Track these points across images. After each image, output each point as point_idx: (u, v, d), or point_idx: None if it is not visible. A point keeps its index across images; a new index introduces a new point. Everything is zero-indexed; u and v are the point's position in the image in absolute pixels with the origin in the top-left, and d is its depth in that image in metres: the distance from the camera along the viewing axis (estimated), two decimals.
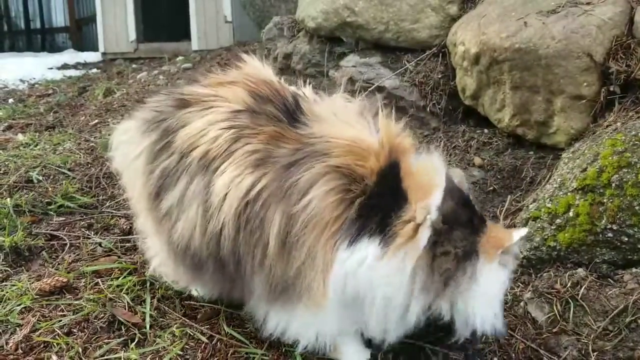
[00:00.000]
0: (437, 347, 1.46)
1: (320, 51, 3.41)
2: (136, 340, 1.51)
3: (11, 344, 1.48)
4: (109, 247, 2.04)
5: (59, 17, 11.45)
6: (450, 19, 3.05)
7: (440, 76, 2.97)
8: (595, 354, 1.47)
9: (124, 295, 1.69)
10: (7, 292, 1.71)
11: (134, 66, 6.63)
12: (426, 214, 1.22)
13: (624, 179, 1.74)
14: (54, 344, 1.48)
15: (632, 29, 2.24)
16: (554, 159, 2.33)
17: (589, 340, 1.52)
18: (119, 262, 1.90)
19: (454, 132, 2.84)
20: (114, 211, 2.36)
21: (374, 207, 1.23)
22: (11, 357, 1.45)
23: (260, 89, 1.44)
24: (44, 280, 1.75)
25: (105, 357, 1.44)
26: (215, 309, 1.63)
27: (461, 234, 1.25)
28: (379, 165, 1.26)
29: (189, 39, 7.25)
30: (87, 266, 1.87)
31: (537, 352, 1.50)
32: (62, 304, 1.66)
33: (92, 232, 2.17)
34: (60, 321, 1.57)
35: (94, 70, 6.99)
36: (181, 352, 1.46)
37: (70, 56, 8.62)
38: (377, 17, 3.12)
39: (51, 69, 7.39)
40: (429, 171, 1.30)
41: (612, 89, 2.22)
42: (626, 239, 1.71)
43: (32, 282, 1.76)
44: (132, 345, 1.48)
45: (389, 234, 1.21)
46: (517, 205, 2.16)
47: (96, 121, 3.85)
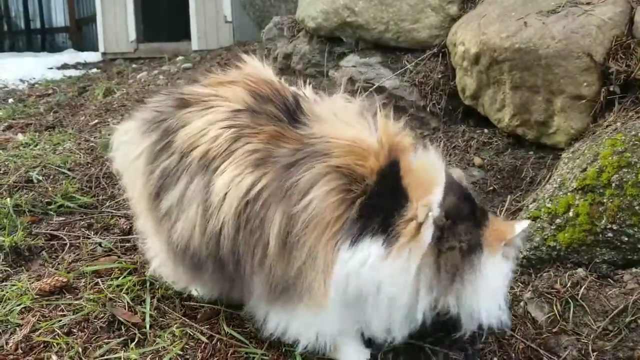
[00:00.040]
0: (437, 347, 1.46)
1: (320, 51, 3.40)
2: (136, 340, 1.51)
3: (11, 344, 1.48)
4: (108, 247, 2.04)
5: (59, 17, 11.45)
6: (450, 19, 3.05)
7: (440, 76, 2.97)
8: (595, 354, 1.47)
9: (124, 295, 1.69)
10: (7, 292, 1.71)
11: (134, 66, 6.63)
12: (428, 211, 1.22)
13: (624, 179, 1.74)
14: (54, 344, 1.48)
15: (632, 29, 2.24)
16: (554, 159, 2.33)
17: (588, 340, 1.52)
18: (118, 262, 1.90)
19: (454, 132, 2.84)
20: (114, 211, 2.36)
21: (375, 206, 1.23)
22: (11, 357, 1.45)
23: (260, 88, 1.43)
24: (44, 280, 1.75)
25: (105, 357, 1.44)
26: (215, 309, 1.63)
27: (465, 227, 1.26)
28: (378, 164, 1.26)
29: (189, 39, 7.26)
30: (87, 266, 1.87)
31: (537, 352, 1.49)
32: (62, 304, 1.66)
33: (92, 232, 2.17)
34: (60, 321, 1.57)
35: (94, 70, 6.99)
36: (181, 352, 1.46)
37: (70, 56, 8.62)
38: (377, 17, 3.13)
39: (51, 69, 7.39)
40: (428, 168, 1.30)
41: (612, 89, 2.22)
42: (626, 239, 1.71)
43: (32, 282, 1.76)
44: (132, 345, 1.48)
45: (392, 234, 1.21)
46: (517, 205, 2.16)
47: (96, 121, 3.85)
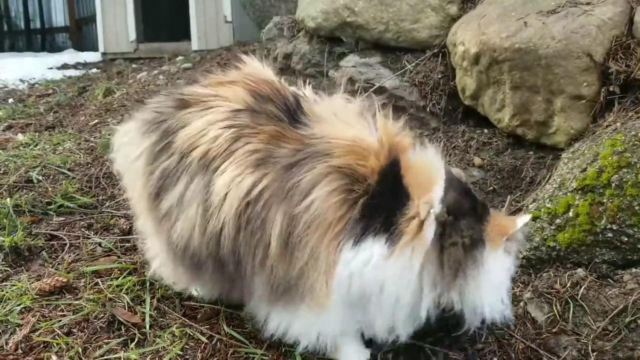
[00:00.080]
0: (437, 347, 1.46)
1: (320, 51, 3.40)
2: (136, 340, 1.51)
3: (11, 344, 1.49)
4: (108, 247, 2.04)
5: (59, 17, 11.45)
6: (450, 19, 3.05)
7: (440, 76, 2.97)
8: (594, 354, 1.47)
9: (123, 295, 1.69)
10: (7, 292, 1.71)
11: (134, 66, 6.63)
12: (429, 208, 1.23)
13: (624, 179, 1.74)
14: (54, 344, 1.48)
15: (631, 29, 2.24)
16: (554, 159, 2.33)
17: (588, 340, 1.52)
18: (118, 262, 1.90)
19: (454, 132, 2.84)
20: (114, 211, 2.36)
21: (377, 206, 1.23)
22: (11, 357, 1.45)
23: (260, 88, 1.43)
24: (44, 280, 1.75)
25: (105, 357, 1.44)
26: (215, 309, 1.63)
27: (467, 223, 1.26)
28: (379, 164, 1.26)
29: (189, 39, 7.25)
30: (87, 266, 1.87)
31: (536, 352, 1.49)
32: (62, 304, 1.66)
33: (92, 232, 2.17)
34: (60, 321, 1.57)
35: (94, 70, 6.99)
36: (181, 352, 1.46)
37: (70, 56, 8.62)
38: (377, 17, 3.13)
39: (51, 69, 7.39)
40: (427, 166, 1.30)
41: (611, 89, 2.22)
42: (626, 239, 1.71)
43: (32, 282, 1.76)
44: (131, 345, 1.48)
45: (395, 232, 1.21)
46: (517, 205, 2.16)
47: (96, 121, 3.85)
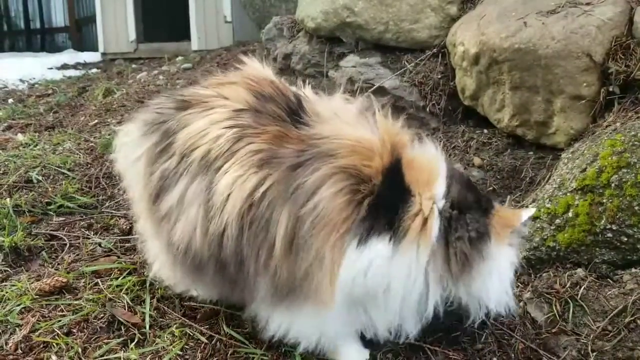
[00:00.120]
0: (437, 347, 1.46)
1: (319, 51, 3.40)
2: (136, 340, 1.51)
3: (11, 344, 1.49)
4: (108, 247, 2.04)
5: (59, 17, 11.44)
6: (450, 19, 3.05)
7: (439, 76, 2.97)
8: (594, 354, 1.47)
9: (123, 295, 1.69)
10: (6, 292, 1.71)
11: (133, 66, 6.63)
12: (432, 204, 1.23)
13: (623, 179, 1.74)
14: (54, 344, 1.48)
15: (631, 29, 2.24)
16: (554, 159, 2.33)
17: (588, 340, 1.52)
18: (118, 262, 1.90)
19: (454, 132, 2.84)
20: (114, 211, 2.36)
21: (381, 206, 1.23)
22: (11, 357, 1.45)
23: (263, 88, 1.43)
24: (44, 280, 1.75)
25: (104, 357, 1.44)
26: (214, 309, 1.63)
27: (472, 216, 1.27)
28: (383, 164, 1.26)
29: (189, 39, 7.26)
30: (86, 266, 1.87)
31: (536, 352, 1.49)
32: (62, 304, 1.66)
33: (91, 232, 2.17)
34: (59, 321, 1.57)
35: (94, 70, 6.98)
36: (181, 352, 1.46)
37: (70, 56, 8.61)
38: (377, 17, 3.13)
39: (51, 69, 7.38)
40: (428, 161, 1.31)
41: (611, 89, 2.22)
42: (625, 239, 1.72)
43: (32, 282, 1.76)
44: (131, 345, 1.48)
45: (399, 230, 1.21)
46: (516, 205, 2.16)
47: (96, 121, 3.85)
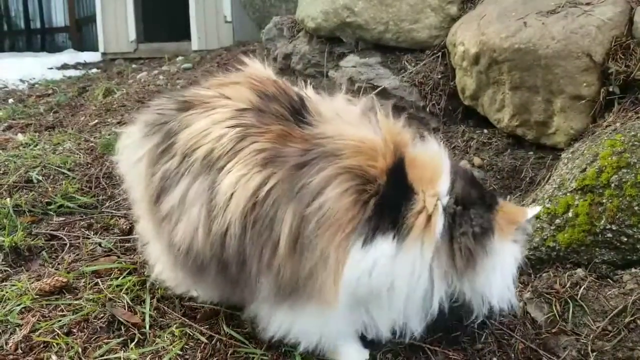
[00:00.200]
0: (437, 347, 1.46)
1: (320, 51, 3.41)
2: (136, 340, 1.51)
3: (11, 344, 1.49)
4: (108, 247, 2.04)
5: (59, 17, 11.43)
6: (450, 19, 3.06)
7: (439, 76, 2.97)
8: (594, 354, 1.47)
9: (123, 295, 1.69)
10: (7, 292, 1.71)
11: (134, 66, 6.63)
12: (437, 200, 1.23)
13: (623, 179, 1.74)
14: (54, 344, 1.48)
15: (631, 29, 2.24)
16: (554, 159, 2.33)
17: (588, 340, 1.52)
18: (118, 262, 1.90)
19: (454, 132, 2.84)
20: (114, 211, 2.36)
21: (386, 205, 1.23)
22: (11, 357, 1.45)
23: (266, 87, 1.43)
24: (44, 280, 1.75)
25: (104, 357, 1.44)
26: (214, 309, 1.62)
27: (476, 212, 1.27)
28: (386, 164, 1.26)
29: (189, 39, 7.25)
30: (86, 266, 1.87)
31: (536, 353, 1.49)
32: (62, 304, 1.66)
33: (92, 232, 2.17)
34: (60, 321, 1.57)
35: (94, 70, 6.98)
36: (181, 352, 1.46)
37: (70, 56, 8.61)
38: (377, 17, 3.13)
39: (51, 69, 7.38)
40: (430, 158, 1.31)
41: (611, 90, 2.22)
42: (625, 239, 1.72)
43: (32, 282, 1.76)
44: (131, 345, 1.48)
45: (403, 228, 1.21)
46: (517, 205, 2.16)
47: (96, 121, 3.85)
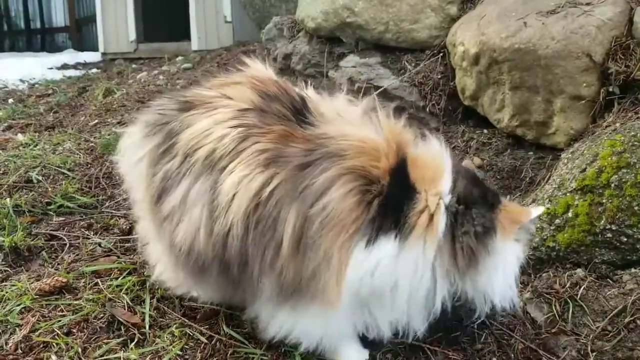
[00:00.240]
0: (436, 347, 1.46)
1: (320, 51, 3.41)
2: (135, 340, 1.51)
3: (11, 344, 1.48)
4: (108, 247, 2.04)
5: (59, 17, 11.43)
6: (450, 19, 3.06)
7: (439, 76, 2.97)
8: (594, 354, 1.47)
9: (123, 295, 1.69)
10: (6, 292, 1.71)
11: (134, 66, 6.63)
12: (439, 200, 1.24)
13: (623, 180, 1.74)
14: (54, 344, 1.48)
15: (631, 29, 2.24)
16: (554, 160, 2.33)
17: (588, 340, 1.52)
18: (118, 262, 1.90)
19: (454, 132, 2.84)
20: (114, 211, 2.36)
21: (388, 205, 1.23)
22: (11, 357, 1.45)
23: (267, 87, 1.42)
24: (44, 280, 1.75)
25: (104, 357, 1.44)
26: (214, 309, 1.62)
27: (478, 211, 1.28)
28: (389, 164, 1.26)
29: (189, 39, 7.26)
30: (86, 266, 1.87)
31: (536, 353, 1.49)
32: (62, 304, 1.66)
33: (91, 232, 2.17)
34: (59, 321, 1.57)
35: (94, 70, 6.98)
36: (180, 352, 1.46)
37: (70, 56, 8.61)
38: (377, 18, 3.13)
39: (51, 69, 7.38)
40: (432, 158, 1.31)
41: (611, 90, 2.22)
42: (625, 239, 1.72)
43: (32, 282, 1.76)
44: (131, 345, 1.48)
45: (405, 228, 1.22)
46: None
47: (96, 121, 3.85)
